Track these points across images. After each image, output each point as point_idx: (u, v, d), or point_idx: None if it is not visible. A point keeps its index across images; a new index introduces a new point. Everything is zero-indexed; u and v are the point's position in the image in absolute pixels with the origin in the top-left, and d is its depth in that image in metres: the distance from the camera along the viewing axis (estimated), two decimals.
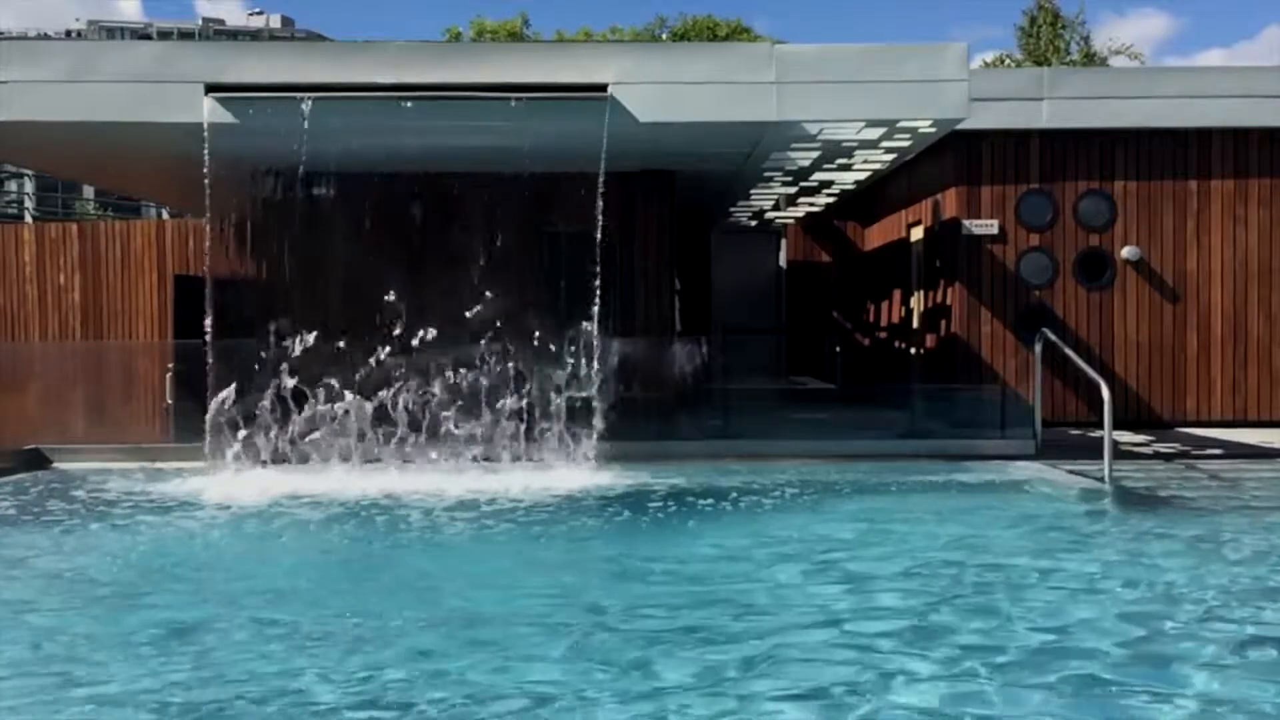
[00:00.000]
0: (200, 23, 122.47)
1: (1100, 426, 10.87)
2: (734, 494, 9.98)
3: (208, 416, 11.07)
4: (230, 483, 10.62)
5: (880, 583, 6.99)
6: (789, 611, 6.31)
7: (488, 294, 11.59)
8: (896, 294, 18.61)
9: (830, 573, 7.34)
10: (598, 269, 11.89)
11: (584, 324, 11.69)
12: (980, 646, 5.58)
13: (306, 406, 11.14)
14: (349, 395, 11.12)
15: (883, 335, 19.60)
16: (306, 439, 11.13)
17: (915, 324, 17.41)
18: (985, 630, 5.88)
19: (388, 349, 11.31)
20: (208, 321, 11.51)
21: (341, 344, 11.39)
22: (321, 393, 11.13)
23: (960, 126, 12.62)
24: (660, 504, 9.61)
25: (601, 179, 11.71)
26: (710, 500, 9.77)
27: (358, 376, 11.21)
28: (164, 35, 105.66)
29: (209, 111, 11.36)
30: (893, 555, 7.77)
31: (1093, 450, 11.43)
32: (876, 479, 10.76)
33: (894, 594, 6.68)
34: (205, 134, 11.35)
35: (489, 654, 5.52)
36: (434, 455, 11.16)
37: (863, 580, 7.08)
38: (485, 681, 5.12)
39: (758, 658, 5.41)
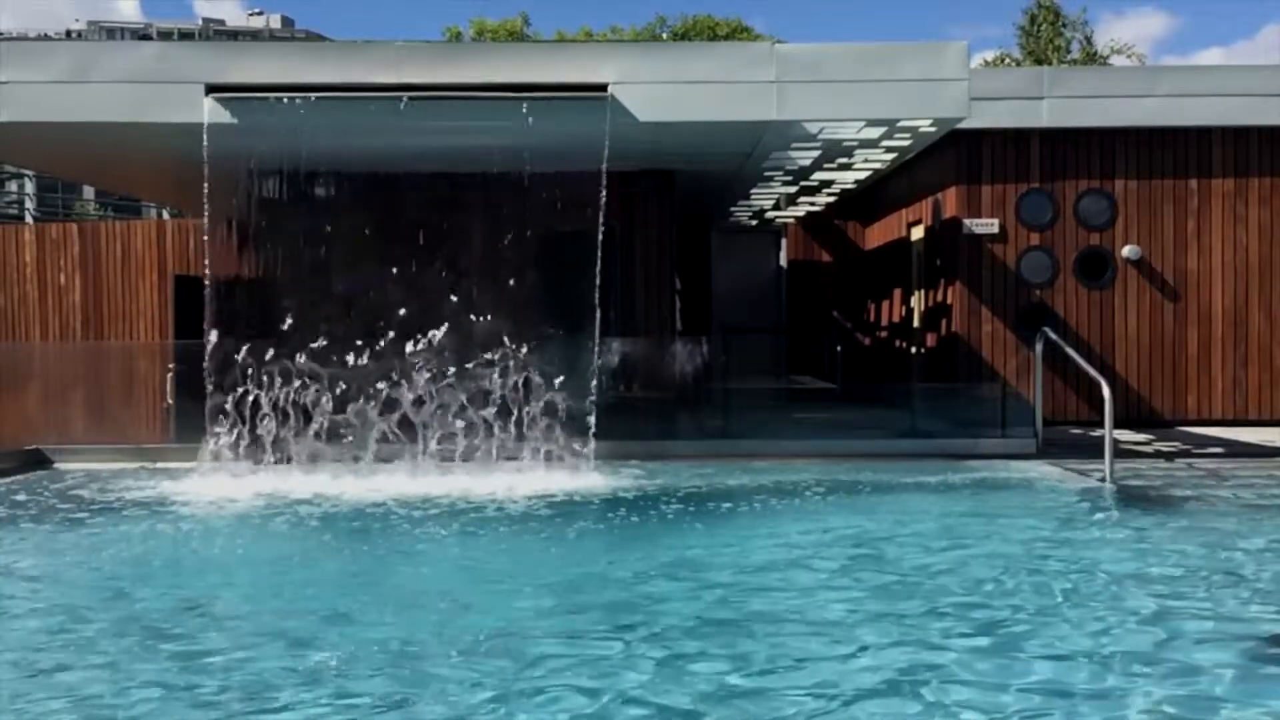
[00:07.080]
0: (200, 23, 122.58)
1: (1101, 425, 10.86)
2: (749, 494, 10.05)
3: (206, 417, 11.07)
4: (230, 482, 10.60)
5: (887, 579, 7.01)
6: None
7: (487, 294, 11.58)
8: (897, 293, 18.61)
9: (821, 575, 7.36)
10: (598, 269, 11.88)
11: (583, 323, 11.67)
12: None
13: (309, 407, 11.12)
14: (351, 396, 11.10)
15: (883, 334, 19.60)
16: (310, 440, 11.11)
17: (916, 323, 17.41)
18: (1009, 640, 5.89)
19: (387, 348, 11.29)
20: (206, 322, 11.51)
21: (342, 343, 11.37)
22: (324, 394, 11.11)
23: (960, 125, 12.61)
24: (672, 504, 9.65)
25: (602, 179, 11.70)
26: (700, 501, 9.79)
27: (359, 376, 11.19)
28: (164, 35, 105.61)
29: (209, 112, 11.35)
30: (895, 554, 7.80)
31: (1093, 449, 11.43)
32: (878, 477, 10.75)
33: (905, 589, 6.70)
34: (205, 134, 11.35)
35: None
36: (431, 455, 11.15)
37: (868, 580, 7.09)
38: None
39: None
